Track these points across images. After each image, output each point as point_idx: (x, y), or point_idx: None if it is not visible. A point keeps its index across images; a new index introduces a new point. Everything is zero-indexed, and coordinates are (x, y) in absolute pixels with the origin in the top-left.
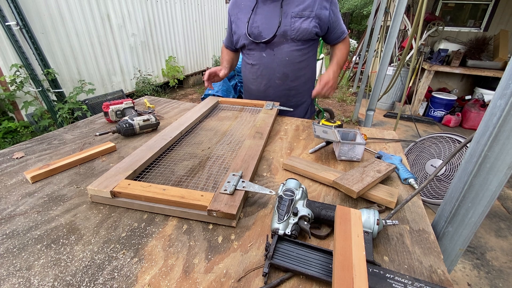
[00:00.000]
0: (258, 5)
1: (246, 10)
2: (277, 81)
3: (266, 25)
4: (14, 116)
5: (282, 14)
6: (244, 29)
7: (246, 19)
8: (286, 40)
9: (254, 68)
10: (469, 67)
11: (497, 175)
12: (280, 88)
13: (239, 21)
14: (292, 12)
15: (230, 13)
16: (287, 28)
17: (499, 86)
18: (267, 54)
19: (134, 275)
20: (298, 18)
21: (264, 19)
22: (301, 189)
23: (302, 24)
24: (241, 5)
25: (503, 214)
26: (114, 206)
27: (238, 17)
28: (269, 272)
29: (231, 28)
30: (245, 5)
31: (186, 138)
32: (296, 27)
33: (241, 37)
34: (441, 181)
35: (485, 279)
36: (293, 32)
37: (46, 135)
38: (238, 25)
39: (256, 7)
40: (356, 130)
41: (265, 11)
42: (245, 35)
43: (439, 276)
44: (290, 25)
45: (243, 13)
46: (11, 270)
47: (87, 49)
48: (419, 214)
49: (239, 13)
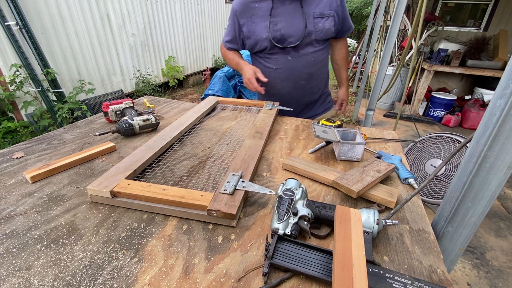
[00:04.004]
0: (275, 7)
1: (263, 13)
2: (302, 82)
3: (289, 28)
4: (14, 116)
5: (305, 15)
6: (264, 33)
7: (265, 23)
8: (311, 41)
9: (278, 72)
10: (469, 67)
11: (497, 175)
12: (305, 88)
13: (254, 25)
14: (314, 13)
15: (239, 16)
16: (312, 29)
17: (498, 86)
18: (293, 57)
19: (134, 275)
20: (320, 18)
21: (287, 21)
22: (301, 189)
23: (325, 24)
24: (254, 8)
25: (503, 214)
26: (114, 206)
27: (253, 20)
28: (269, 272)
29: (239, 32)
30: (260, 7)
31: (186, 138)
32: (320, 28)
33: (260, 42)
34: (441, 181)
35: (484, 279)
36: (317, 33)
37: (46, 135)
38: (253, 30)
39: (272, 9)
40: (356, 130)
41: (286, 13)
42: (267, 40)
43: (438, 276)
44: (313, 26)
45: (259, 16)
46: (11, 270)
47: (86, 49)
48: (419, 214)
49: (253, 16)
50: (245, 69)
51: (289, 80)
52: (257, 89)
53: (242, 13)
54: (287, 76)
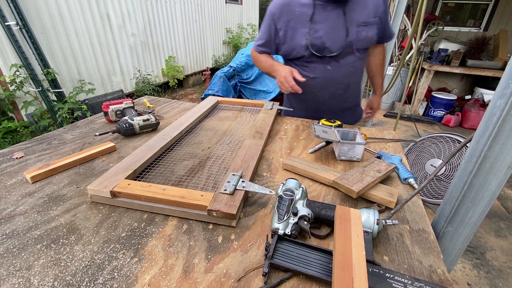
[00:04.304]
0: (316, 12)
1: (303, 19)
2: (340, 91)
3: (330, 36)
4: (14, 116)
5: (348, 23)
6: (303, 41)
7: (305, 29)
8: (352, 50)
9: (316, 81)
10: (469, 67)
11: (497, 175)
12: (342, 97)
13: (292, 30)
14: (357, 20)
15: (276, 19)
16: (354, 39)
17: (499, 86)
18: (333, 66)
19: (134, 275)
20: (364, 26)
21: (328, 29)
22: (301, 189)
23: (368, 33)
24: (294, 12)
25: (503, 214)
26: (114, 206)
27: (292, 25)
28: (269, 272)
29: (274, 36)
30: (301, 12)
31: (186, 138)
32: (362, 37)
33: (297, 49)
34: (441, 181)
35: (485, 278)
36: (360, 42)
37: (46, 135)
38: (292, 35)
39: (313, 15)
40: (356, 130)
41: (327, 19)
42: (305, 47)
43: (439, 276)
44: (356, 35)
45: (299, 21)
46: (11, 270)
47: (87, 49)
48: (419, 214)
49: (292, 21)
50: (280, 69)
51: (327, 89)
52: (294, 87)
53: (280, 17)
54: (325, 85)
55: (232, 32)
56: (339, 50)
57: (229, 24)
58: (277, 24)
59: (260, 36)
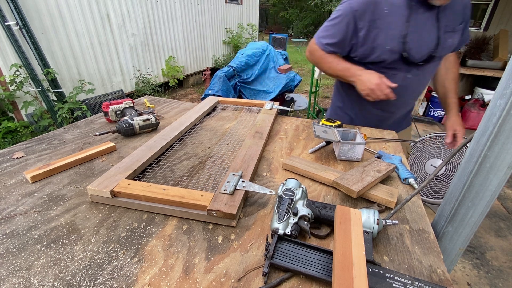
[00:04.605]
0: (409, 13)
1: (392, 19)
2: (410, 100)
3: (418, 41)
4: (14, 116)
5: (439, 29)
6: (390, 44)
7: (394, 31)
8: (434, 58)
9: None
10: (469, 67)
11: (497, 174)
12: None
13: (377, 31)
14: (446, 26)
15: (358, 17)
16: (440, 46)
17: (499, 86)
18: (413, 74)
19: (134, 275)
20: (451, 33)
21: (418, 34)
22: (301, 189)
23: (454, 40)
24: (382, 11)
25: (503, 214)
26: (114, 206)
27: (377, 26)
28: (269, 272)
29: (352, 36)
30: (391, 11)
31: (186, 138)
32: (448, 45)
33: (381, 52)
34: (441, 181)
35: (485, 278)
36: (444, 50)
37: (46, 135)
38: (375, 37)
39: (409, 16)
40: (356, 130)
41: (418, 23)
42: (391, 52)
43: (439, 276)
44: (442, 42)
45: (387, 21)
46: (11, 270)
47: (87, 49)
48: (419, 214)
49: (379, 21)
50: (365, 75)
51: (401, 98)
52: (388, 95)
53: (364, 15)
54: (399, 94)
55: (232, 32)
56: (424, 58)
57: (229, 24)
58: (358, 23)
59: (330, 34)
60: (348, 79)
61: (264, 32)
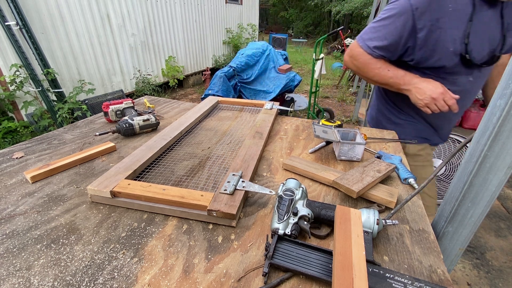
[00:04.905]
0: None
1: (457, 17)
2: (468, 104)
3: (480, 41)
4: (14, 116)
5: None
6: (453, 45)
7: (461, 32)
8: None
9: None
10: None
11: (497, 175)
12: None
13: (440, 31)
14: (509, 24)
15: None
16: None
17: (499, 86)
18: (474, 77)
19: (134, 275)
20: None
21: (482, 33)
22: (301, 189)
23: None
24: (446, 8)
25: (503, 214)
26: (114, 206)
27: (440, 25)
28: (269, 272)
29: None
30: (455, 9)
31: (186, 138)
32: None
33: (443, 56)
34: (441, 181)
35: (485, 278)
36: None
37: (46, 135)
38: (437, 37)
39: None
40: (356, 130)
41: (482, 21)
42: (453, 54)
43: (439, 276)
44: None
45: (451, 20)
46: (11, 270)
47: (87, 49)
48: (419, 214)
49: (442, 20)
50: (424, 83)
51: (462, 103)
52: (452, 106)
53: (425, 13)
54: (461, 100)
55: (232, 32)
56: (486, 58)
57: (229, 24)
58: (418, 22)
59: (379, 36)
60: (400, 88)
61: (264, 32)
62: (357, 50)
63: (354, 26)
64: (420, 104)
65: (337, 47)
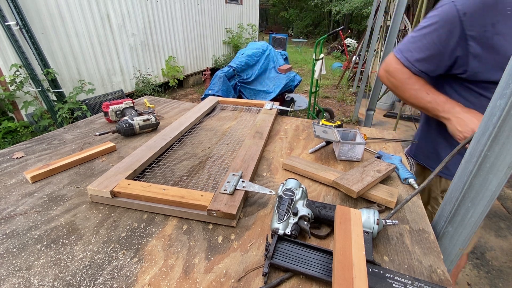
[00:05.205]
0: None
1: None
2: None
3: None
4: (14, 116)
5: None
6: None
7: None
8: None
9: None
10: None
11: (497, 175)
12: None
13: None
14: None
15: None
16: None
17: (499, 86)
18: None
19: (134, 275)
20: None
21: None
22: (301, 189)
23: None
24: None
25: (503, 214)
26: (114, 206)
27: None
28: (269, 272)
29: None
30: None
31: (186, 138)
32: None
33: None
34: None
35: (485, 279)
36: None
37: (46, 135)
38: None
39: None
40: (356, 130)
41: None
42: None
43: (439, 276)
44: None
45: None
46: (11, 270)
47: (87, 49)
48: (419, 214)
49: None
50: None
51: None
52: None
53: (478, 18)
54: None
55: (232, 32)
56: None
57: (229, 24)
58: (467, 29)
59: (420, 46)
60: (439, 115)
61: (264, 32)
62: (395, 66)
63: (354, 26)
64: (458, 137)
65: (337, 47)
